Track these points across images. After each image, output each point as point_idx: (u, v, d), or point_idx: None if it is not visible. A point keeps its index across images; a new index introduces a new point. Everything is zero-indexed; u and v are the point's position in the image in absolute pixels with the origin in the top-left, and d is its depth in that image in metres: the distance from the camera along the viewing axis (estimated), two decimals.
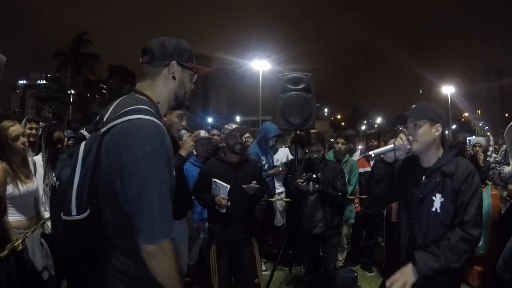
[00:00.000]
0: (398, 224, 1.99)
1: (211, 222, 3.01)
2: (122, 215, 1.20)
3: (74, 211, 1.22)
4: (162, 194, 1.19)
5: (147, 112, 1.24)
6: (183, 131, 2.68)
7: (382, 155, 1.98)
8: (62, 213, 1.25)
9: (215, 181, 2.84)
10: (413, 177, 1.91)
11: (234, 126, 3.01)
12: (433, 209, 1.79)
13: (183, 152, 2.60)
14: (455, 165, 1.81)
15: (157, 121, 1.24)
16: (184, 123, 2.72)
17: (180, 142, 2.71)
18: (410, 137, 1.85)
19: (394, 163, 1.94)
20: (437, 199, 1.79)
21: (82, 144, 1.28)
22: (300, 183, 3.17)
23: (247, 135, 4.88)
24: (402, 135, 1.89)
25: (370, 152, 2.13)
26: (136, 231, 1.18)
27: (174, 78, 1.38)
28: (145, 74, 1.39)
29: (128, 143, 1.18)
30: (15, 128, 2.48)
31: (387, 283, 1.72)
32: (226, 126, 3.05)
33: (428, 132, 1.84)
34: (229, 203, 2.76)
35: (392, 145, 1.88)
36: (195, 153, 3.58)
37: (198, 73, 1.48)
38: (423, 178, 1.86)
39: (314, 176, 3.14)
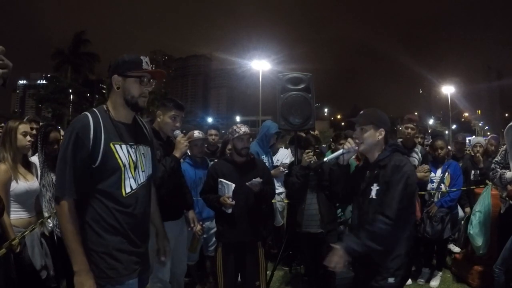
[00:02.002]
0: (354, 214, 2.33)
1: (218, 224, 2.98)
2: None
3: None
4: (65, 161, 1.57)
5: (89, 111, 1.70)
6: (177, 132, 2.64)
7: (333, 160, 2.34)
8: None
9: (220, 181, 2.81)
10: (362, 172, 2.25)
11: (243, 129, 2.88)
12: (371, 197, 2.08)
13: (177, 153, 2.56)
14: (389, 159, 2.08)
15: (87, 114, 1.67)
16: (178, 124, 2.68)
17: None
18: (357, 140, 2.18)
19: (348, 165, 2.30)
20: (374, 188, 2.08)
21: None
22: (307, 153, 3.26)
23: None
24: (350, 139, 2.25)
25: (325, 159, 2.61)
26: None
27: (118, 88, 1.72)
28: (108, 90, 1.80)
29: None
30: (24, 126, 2.65)
31: (326, 262, 2.00)
32: (234, 127, 2.92)
33: (373, 135, 2.14)
34: (233, 202, 2.72)
35: (342, 150, 2.26)
36: (189, 153, 3.56)
37: (147, 76, 1.74)
38: (367, 172, 2.19)
39: (318, 150, 3.30)
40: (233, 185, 2.73)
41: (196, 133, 3.54)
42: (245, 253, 2.89)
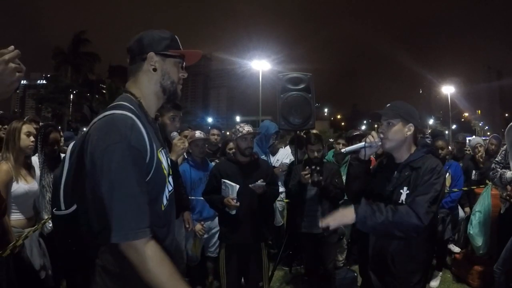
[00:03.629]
0: None
1: (221, 225, 2.97)
2: (105, 211, 1.17)
3: (62, 206, 1.26)
4: (129, 190, 1.14)
5: (123, 108, 1.24)
6: (174, 133, 2.60)
7: (354, 152, 2.08)
8: (54, 208, 1.29)
9: (224, 182, 2.78)
10: (386, 172, 2.00)
11: (246, 128, 2.86)
12: (400, 202, 1.84)
13: (173, 156, 2.50)
14: (423, 160, 1.86)
15: (129, 114, 1.21)
16: (177, 124, 2.67)
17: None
18: (381, 135, 1.94)
19: (369, 160, 2.04)
20: (404, 192, 1.85)
21: (71, 144, 1.33)
22: (304, 175, 3.16)
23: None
24: (373, 132, 2.00)
25: (342, 150, 2.25)
26: (110, 229, 1.15)
27: (155, 70, 1.33)
28: (130, 73, 1.37)
29: (98, 137, 1.17)
30: (27, 126, 2.64)
31: (324, 221, 1.83)
32: (238, 127, 2.91)
33: (401, 131, 1.91)
34: (238, 204, 2.69)
35: (364, 143, 1.99)
36: (189, 152, 3.55)
37: (185, 58, 1.42)
38: (395, 173, 1.94)
39: (318, 168, 3.12)
40: (237, 186, 2.70)
41: (197, 133, 3.54)
42: (248, 255, 2.88)
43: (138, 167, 1.17)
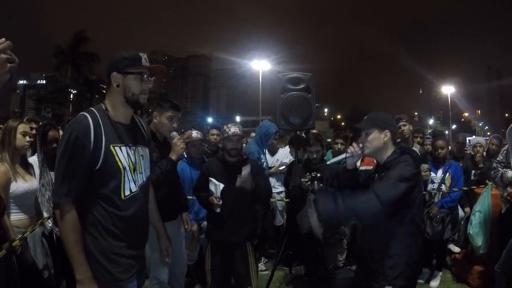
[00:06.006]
0: None
1: (208, 222, 3.00)
2: None
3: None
4: (63, 165, 1.51)
5: (88, 111, 1.63)
6: (174, 133, 2.62)
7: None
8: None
9: (211, 180, 2.82)
10: (372, 175, 2.23)
11: (233, 129, 2.85)
12: None
13: (173, 156, 2.53)
14: (397, 160, 2.01)
15: (85, 114, 1.59)
16: (175, 124, 2.68)
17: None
18: (361, 145, 2.15)
19: (355, 168, 2.28)
20: None
21: None
22: (304, 183, 3.14)
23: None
24: (354, 144, 2.22)
25: (328, 162, 2.52)
26: None
27: (118, 86, 1.65)
28: (106, 89, 1.74)
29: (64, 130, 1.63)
30: (24, 125, 2.63)
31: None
32: (225, 127, 2.91)
33: (378, 138, 2.09)
34: (220, 202, 2.71)
35: (345, 154, 2.23)
36: (185, 154, 3.55)
37: (152, 71, 1.70)
38: (376, 175, 2.16)
39: (318, 175, 3.11)
40: (222, 185, 2.73)
41: (194, 133, 3.54)
42: (234, 253, 2.86)
43: (78, 151, 1.51)
